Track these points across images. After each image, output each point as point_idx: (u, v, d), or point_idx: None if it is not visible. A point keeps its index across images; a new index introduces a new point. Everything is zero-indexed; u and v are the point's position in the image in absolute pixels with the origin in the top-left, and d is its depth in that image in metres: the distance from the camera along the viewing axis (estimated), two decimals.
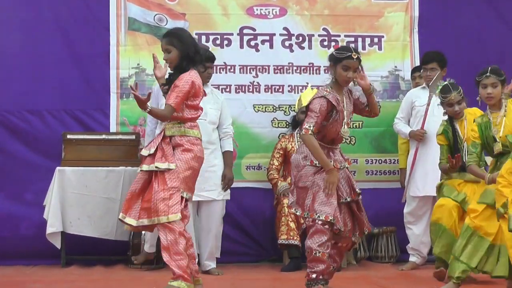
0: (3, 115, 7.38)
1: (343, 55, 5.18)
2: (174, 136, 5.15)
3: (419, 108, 6.98)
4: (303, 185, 5.17)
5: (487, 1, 7.89)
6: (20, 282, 6.03)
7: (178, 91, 5.05)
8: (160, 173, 5.06)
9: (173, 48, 5.17)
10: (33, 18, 7.48)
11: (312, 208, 5.08)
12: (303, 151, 5.24)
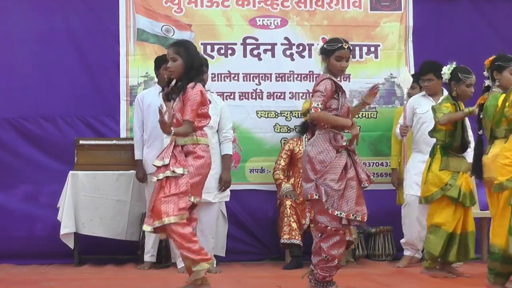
0: (19, 122, 7.38)
1: (335, 46, 5.15)
2: (186, 144, 5.14)
3: (421, 115, 6.93)
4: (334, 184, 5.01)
5: (479, 11, 7.88)
6: (35, 281, 6.02)
7: (191, 104, 5.05)
8: (172, 178, 5.07)
9: (179, 58, 5.16)
10: (47, 30, 7.47)
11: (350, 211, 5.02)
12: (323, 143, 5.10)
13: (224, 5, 7.65)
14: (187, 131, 5.08)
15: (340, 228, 5.07)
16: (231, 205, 7.16)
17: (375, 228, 7.32)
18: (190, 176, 5.07)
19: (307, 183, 5.16)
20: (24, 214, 7.26)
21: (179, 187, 5.03)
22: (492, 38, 7.77)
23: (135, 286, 5.73)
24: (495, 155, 5.40)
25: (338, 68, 5.19)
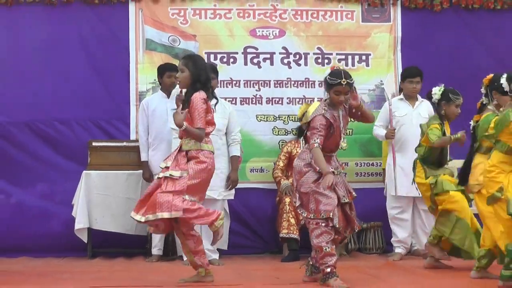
0: (36, 125, 7.39)
1: (334, 81, 5.17)
2: (191, 150, 5.15)
3: (399, 118, 6.99)
4: (304, 191, 5.18)
5: (462, 21, 7.86)
6: (50, 273, 6.01)
7: (198, 113, 5.10)
8: (170, 178, 5.08)
9: (186, 70, 5.20)
10: (61, 39, 7.47)
11: (317, 210, 5.08)
12: (305, 158, 5.26)
13: (227, 17, 7.65)
14: (201, 136, 5.13)
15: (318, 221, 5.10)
16: (233, 202, 7.15)
17: (366, 224, 7.32)
18: (189, 178, 5.10)
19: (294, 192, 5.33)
20: (41, 211, 7.26)
21: (176, 186, 5.06)
22: (475, 46, 7.78)
23: (143, 277, 5.71)
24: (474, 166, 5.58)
25: (336, 101, 5.24)
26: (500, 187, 4.91)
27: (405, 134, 6.91)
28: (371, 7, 7.77)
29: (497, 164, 5.01)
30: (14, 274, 5.98)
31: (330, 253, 5.08)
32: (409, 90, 7.04)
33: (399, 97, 7.15)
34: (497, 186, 4.93)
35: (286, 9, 7.71)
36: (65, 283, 5.43)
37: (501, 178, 4.95)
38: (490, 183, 5.01)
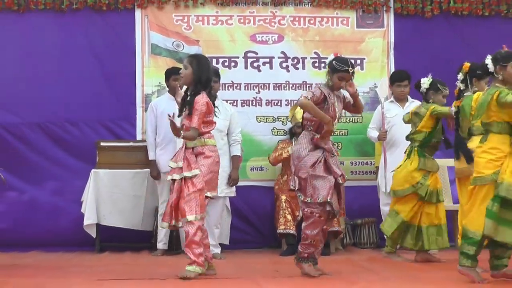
0: (47, 126, 7.41)
1: (342, 68, 5.21)
2: (196, 146, 5.19)
3: (390, 119, 7.03)
4: (302, 175, 5.18)
5: (452, 27, 7.89)
6: (61, 266, 6.02)
7: (198, 114, 5.10)
8: (188, 179, 5.11)
9: (189, 67, 5.21)
10: (71, 44, 7.50)
11: (315, 195, 5.12)
12: (302, 142, 5.26)
13: (228, 23, 7.67)
14: (194, 136, 5.14)
15: (313, 209, 5.14)
16: (234, 199, 7.17)
17: (360, 220, 7.35)
18: (204, 175, 5.13)
19: (292, 175, 5.33)
20: (52, 207, 7.28)
21: (195, 185, 5.09)
22: (464, 50, 7.74)
23: (149, 270, 5.72)
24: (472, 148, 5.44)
25: (337, 86, 5.28)
26: (496, 171, 4.80)
27: (395, 133, 6.95)
28: (365, 13, 7.79)
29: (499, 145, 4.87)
30: (26, 267, 5.99)
31: (313, 245, 5.18)
32: (397, 93, 7.10)
33: (390, 100, 7.20)
34: (496, 169, 4.81)
35: (284, 16, 7.73)
36: (74, 276, 5.43)
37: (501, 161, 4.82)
38: (488, 165, 4.86)
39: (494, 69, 4.97)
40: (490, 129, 4.94)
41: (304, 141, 5.28)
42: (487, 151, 4.91)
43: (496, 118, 4.90)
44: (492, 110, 4.88)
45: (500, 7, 7.90)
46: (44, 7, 7.42)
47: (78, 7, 7.45)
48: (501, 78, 4.93)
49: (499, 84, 4.93)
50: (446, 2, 7.82)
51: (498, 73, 4.94)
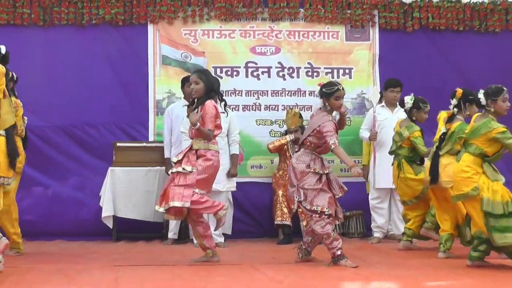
0: (69, 128, 7.41)
1: (333, 89, 5.21)
2: (200, 149, 5.23)
3: (380, 121, 7.05)
4: (310, 187, 5.15)
5: (431, 41, 7.88)
6: (81, 254, 6.06)
7: (210, 117, 5.18)
8: (182, 173, 5.15)
9: (201, 82, 5.27)
10: (90, 56, 7.49)
11: (322, 205, 5.10)
12: (305, 160, 5.23)
13: (231, 36, 7.68)
14: (210, 137, 5.20)
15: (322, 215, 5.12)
16: (236, 194, 7.18)
17: (349, 212, 7.32)
18: (198, 173, 5.17)
19: (291, 187, 5.31)
20: (74, 201, 7.28)
21: (186, 180, 5.13)
22: (442, 62, 7.79)
23: (160, 258, 5.75)
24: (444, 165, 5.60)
25: (337, 106, 5.25)
26: (475, 187, 4.89)
27: (385, 135, 6.96)
28: (353, 28, 7.79)
29: (471, 165, 4.97)
30: (50, 254, 6.03)
31: (337, 238, 5.15)
32: (390, 98, 7.10)
33: (380, 104, 7.19)
34: (473, 186, 4.90)
35: (281, 30, 7.73)
36: (93, 262, 5.46)
37: (476, 178, 4.92)
38: (466, 182, 4.95)
39: (486, 103, 5.06)
40: (468, 150, 5.01)
41: (306, 159, 5.24)
42: (463, 170, 4.98)
43: (479, 144, 4.97)
44: (483, 138, 4.95)
45: (473, 22, 7.91)
46: (67, 23, 7.42)
47: (97, 22, 7.45)
48: (492, 110, 5.03)
49: (491, 116, 5.01)
50: (425, 18, 7.84)
51: (490, 106, 5.05)
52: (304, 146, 5.30)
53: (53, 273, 4.80)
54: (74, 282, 4.44)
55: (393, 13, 7.81)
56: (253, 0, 7.65)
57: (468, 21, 7.90)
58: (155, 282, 4.46)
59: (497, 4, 7.92)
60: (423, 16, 7.84)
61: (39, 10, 7.38)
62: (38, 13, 7.38)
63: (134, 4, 7.49)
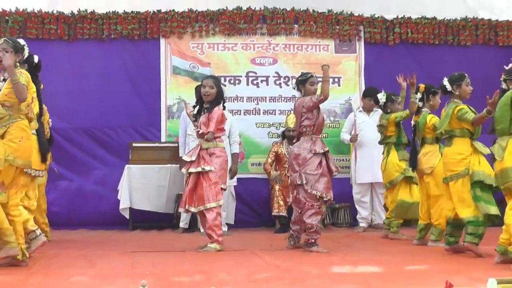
0: (91, 130, 7.42)
1: (307, 76, 5.34)
2: (209, 148, 5.24)
3: (359, 124, 7.07)
4: (312, 172, 5.14)
5: (410, 53, 7.87)
6: (101, 241, 6.08)
7: (215, 122, 5.22)
8: (205, 173, 5.16)
9: (215, 87, 5.30)
10: (109, 66, 7.49)
11: (321, 191, 5.13)
12: (306, 146, 5.21)
13: (233, 49, 7.68)
14: (211, 139, 5.20)
15: (314, 203, 5.14)
16: (238, 188, 7.18)
17: (338, 204, 7.32)
18: (217, 171, 5.20)
19: (293, 173, 5.30)
20: (95, 194, 7.29)
21: (211, 179, 5.15)
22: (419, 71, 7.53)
23: (171, 244, 5.77)
24: (424, 154, 5.58)
25: (312, 91, 5.29)
26: (467, 167, 4.85)
27: (363, 136, 6.99)
28: (342, 42, 7.80)
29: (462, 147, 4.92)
30: (75, 241, 6.06)
31: (318, 231, 5.19)
32: (367, 105, 7.10)
33: (359, 110, 7.21)
34: (465, 166, 4.86)
35: (278, 44, 7.73)
36: (112, 248, 5.49)
37: (468, 160, 4.87)
38: (459, 163, 4.89)
39: (451, 88, 5.06)
40: (454, 135, 5.00)
41: (307, 145, 5.24)
42: (455, 153, 4.95)
43: (458, 126, 4.96)
44: (454, 121, 4.96)
45: (447, 37, 7.93)
46: (89, 37, 7.43)
47: (115, 37, 7.46)
48: (457, 94, 5.02)
49: (457, 99, 5.02)
50: (405, 33, 7.85)
51: (455, 90, 5.04)
52: (302, 134, 5.30)
53: (77, 258, 4.82)
54: (95, 266, 4.45)
55: (377, 28, 7.82)
56: (253, 17, 7.65)
57: (442, 35, 7.92)
58: (166, 266, 4.47)
59: (468, 21, 7.95)
60: (403, 31, 7.85)
61: (64, 26, 7.40)
62: (64, 29, 7.39)
63: (148, 21, 7.51)
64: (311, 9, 7.72)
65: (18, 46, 4.41)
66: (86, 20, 7.42)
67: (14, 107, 4.25)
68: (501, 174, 4.34)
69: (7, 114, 4.24)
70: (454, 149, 4.96)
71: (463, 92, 5.04)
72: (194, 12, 7.56)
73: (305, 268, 4.33)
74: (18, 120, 4.28)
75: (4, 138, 4.21)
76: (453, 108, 4.94)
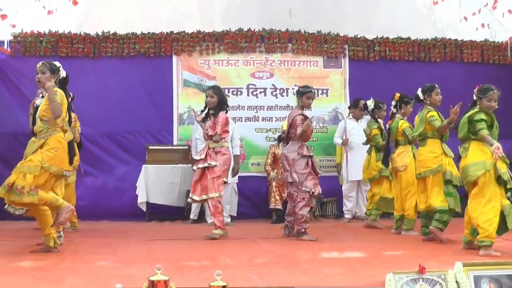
0: (113, 135, 7.43)
1: (307, 90, 5.29)
2: (216, 147, 5.27)
3: (349, 130, 7.06)
4: (300, 171, 5.16)
5: (388, 68, 7.87)
6: (122, 231, 6.07)
7: (221, 125, 5.25)
8: (210, 168, 5.18)
9: (215, 96, 5.30)
10: (129, 80, 7.48)
11: (310, 187, 5.15)
12: (294, 149, 5.22)
13: (236, 65, 7.69)
14: (218, 140, 5.23)
15: (305, 196, 5.15)
16: (240, 185, 7.17)
17: (326, 199, 7.35)
18: (221, 166, 5.22)
19: (285, 172, 5.30)
20: (116, 190, 7.27)
21: (216, 172, 5.16)
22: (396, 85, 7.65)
23: (182, 233, 5.76)
24: (398, 154, 5.58)
25: (307, 104, 5.31)
26: (440, 164, 4.89)
27: (353, 141, 6.96)
28: (329, 58, 7.80)
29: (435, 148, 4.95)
30: (98, 231, 6.05)
31: (307, 221, 5.19)
32: (356, 113, 7.10)
33: (349, 117, 7.21)
34: (438, 163, 4.90)
35: (274, 60, 7.73)
36: (132, 236, 5.50)
37: (441, 158, 4.92)
38: (433, 160, 4.92)
39: (423, 97, 5.09)
40: (427, 136, 5.04)
41: (295, 148, 5.25)
42: (429, 151, 4.98)
43: (430, 129, 5.00)
44: (427, 124, 4.99)
45: (420, 54, 7.94)
46: (111, 55, 7.44)
47: (134, 54, 7.48)
48: (428, 102, 5.03)
49: (429, 107, 5.04)
50: (384, 51, 7.86)
51: (426, 99, 5.07)
52: (291, 139, 5.32)
53: (100, 246, 4.82)
54: (116, 253, 4.45)
55: (359, 47, 7.83)
56: (252, 37, 7.66)
57: (415, 53, 7.93)
58: (178, 252, 4.47)
59: (438, 41, 7.97)
60: (382, 50, 7.86)
61: (90, 45, 7.42)
62: (89, 48, 7.41)
63: (162, 41, 7.52)
64: (302, 30, 7.74)
65: (54, 68, 4.49)
66: (108, 40, 7.43)
67: (51, 121, 4.33)
68: (463, 170, 4.39)
69: (45, 127, 4.32)
70: (427, 148, 5.00)
71: (434, 100, 5.07)
72: (201, 33, 7.58)
73: (297, 253, 4.33)
74: (55, 133, 4.34)
75: (42, 148, 4.29)
76: (425, 114, 4.99)
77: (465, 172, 4.34)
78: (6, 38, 7.26)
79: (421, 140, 5.09)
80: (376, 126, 6.20)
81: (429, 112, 4.98)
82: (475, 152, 4.29)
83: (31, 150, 4.26)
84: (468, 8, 7.99)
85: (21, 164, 4.24)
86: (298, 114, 5.23)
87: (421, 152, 5.07)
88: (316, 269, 3.64)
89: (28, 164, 4.21)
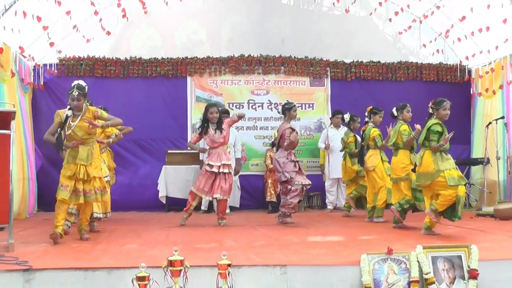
0: (139, 141, 7.41)
1: (291, 105, 5.30)
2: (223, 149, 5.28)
3: (330, 136, 7.06)
4: (291, 170, 5.17)
5: (363, 87, 7.84)
6: (146, 220, 6.06)
7: (227, 122, 5.27)
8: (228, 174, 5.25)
9: (216, 112, 5.29)
10: (152, 97, 7.48)
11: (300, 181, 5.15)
12: (284, 155, 5.23)
13: (238, 84, 7.68)
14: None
15: (297, 188, 5.15)
16: (242, 182, 7.19)
17: (312, 193, 7.35)
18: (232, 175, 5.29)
19: (277, 173, 5.32)
20: (141, 186, 7.26)
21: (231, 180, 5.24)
22: (369, 100, 7.68)
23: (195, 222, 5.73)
24: (368, 156, 5.58)
25: (293, 116, 5.31)
26: (408, 173, 4.89)
27: (334, 146, 6.94)
28: (314, 78, 7.79)
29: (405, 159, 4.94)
30: (127, 220, 6.05)
31: (294, 208, 5.20)
32: (335, 122, 7.10)
33: (330, 126, 7.22)
34: (406, 172, 4.90)
35: (269, 80, 7.72)
36: (154, 224, 5.50)
37: (409, 168, 4.91)
38: (402, 170, 4.91)
39: (397, 114, 5.12)
40: (399, 147, 5.04)
41: (284, 154, 5.27)
42: (399, 162, 4.98)
43: (401, 139, 4.99)
44: (399, 135, 5.00)
45: (388, 75, 7.94)
46: (137, 76, 7.46)
47: (155, 75, 7.49)
48: (401, 119, 5.07)
49: (401, 121, 5.07)
50: (359, 72, 7.86)
51: (399, 116, 5.09)
52: (281, 147, 5.33)
53: (128, 232, 4.83)
54: (141, 237, 4.45)
55: (339, 69, 7.83)
56: (252, 62, 7.67)
57: (384, 74, 7.93)
58: (191, 237, 4.47)
59: (402, 64, 7.98)
60: (357, 71, 7.86)
61: (120, 68, 7.44)
62: (120, 70, 7.43)
63: (178, 64, 7.53)
64: (293, 56, 7.75)
65: (85, 92, 4.13)
66: (135, 64, 7.46)
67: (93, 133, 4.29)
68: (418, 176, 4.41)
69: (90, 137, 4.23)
70: (398, 158, 5.02)
71: (405, 116, 5.11)
72: (211, 58, 7.60)
73: (289, 237, 4.34)
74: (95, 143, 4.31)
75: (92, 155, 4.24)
76: (399, 126, 5.02)
77: (418, 178, 4.39)
78: (54, 61, 7.29)
79: (394, 149, 5.10)
80: (352, 135, 6.22)
81: (402, 125, 5.01)
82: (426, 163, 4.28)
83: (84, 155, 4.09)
84: (426, 37, 8.01)
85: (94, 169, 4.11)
86: (287, 128, 5.25)
87: (393, 161, 5.10)
88: (304, 250, 3.65)
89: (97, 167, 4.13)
